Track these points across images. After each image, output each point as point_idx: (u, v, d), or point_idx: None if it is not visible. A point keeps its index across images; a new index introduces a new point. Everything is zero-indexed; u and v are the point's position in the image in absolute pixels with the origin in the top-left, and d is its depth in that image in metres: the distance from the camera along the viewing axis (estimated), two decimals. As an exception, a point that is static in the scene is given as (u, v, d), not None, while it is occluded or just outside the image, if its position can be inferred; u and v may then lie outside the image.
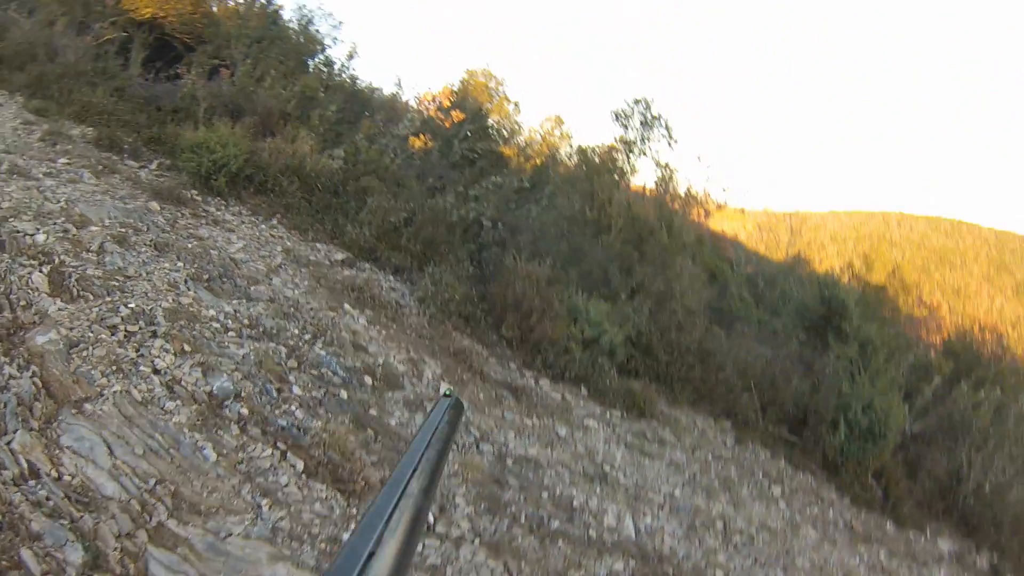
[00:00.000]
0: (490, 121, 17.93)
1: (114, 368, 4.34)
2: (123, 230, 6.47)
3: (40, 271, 5.03)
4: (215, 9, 14.71)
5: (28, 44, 10.95)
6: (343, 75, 15.29)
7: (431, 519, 4.65)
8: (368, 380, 5.87)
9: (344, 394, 5.41)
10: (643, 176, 15.94)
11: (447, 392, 1.46)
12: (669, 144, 15.58)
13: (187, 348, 4.85)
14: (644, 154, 15.39)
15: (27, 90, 10.14)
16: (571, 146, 20.24)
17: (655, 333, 10.05)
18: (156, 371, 4.50)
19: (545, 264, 9.95)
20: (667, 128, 15.50)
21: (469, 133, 14.90)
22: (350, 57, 15.47)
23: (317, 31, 15.44)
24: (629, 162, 15.06)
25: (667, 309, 10.42)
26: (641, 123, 15.41)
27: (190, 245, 6.94)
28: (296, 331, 6.00)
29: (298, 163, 10.00)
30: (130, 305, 5.07)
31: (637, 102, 15.71)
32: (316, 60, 15.31)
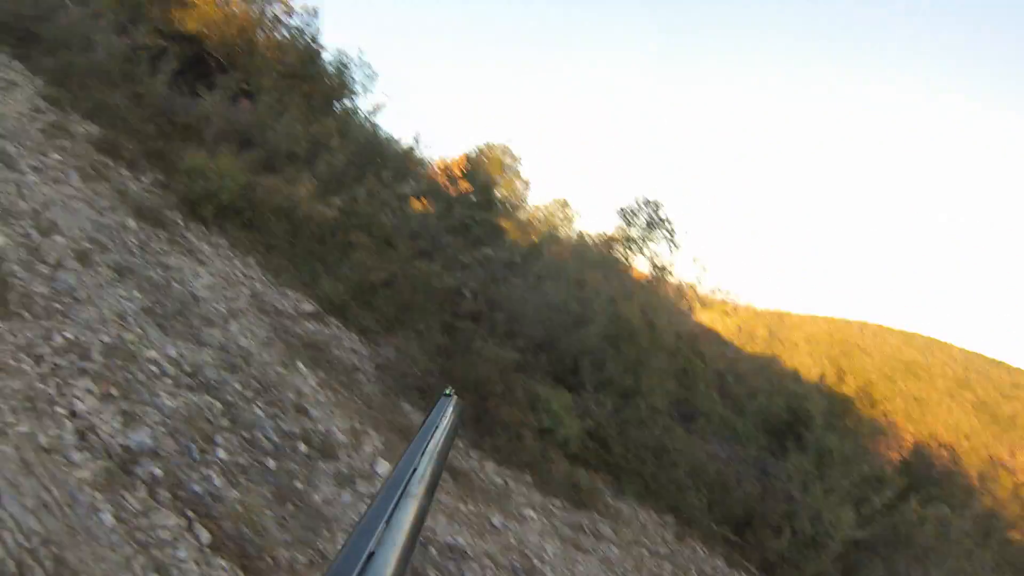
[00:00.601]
0: (496, 194, 17.88)
1: (28, 405, 3.85)
2: (89, 246, 6.04)
3: (-18, 277, 4.57)
4: (259, 38, 14.45)
5: (66, 31, 10.56)
6: (365, 124, 15.09)
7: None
8: (302, 447, 5.42)
9: (272, 463, 4.94)
10: (638, 268, 15.86)
11: (447, 392, 1.48)
12: (670, 248, 15.47)
13: (114, 392, 4.36)
14: (643, 253, 15.23)
15: (48, 76, 9.71)
16: (572, 230, 20.23)
17: (614, 427, 9.71)
18: (73, 414, 4.00)
19: (516, 345, 9.69)
20: (670, 232, 15.38)
21: (473, 199, 14.70)
22: (375, 111, 15.37)
23: (352, 78, 15.28)
24: (626, 257, 14.88)
25: (632, 405, 10.10)
26: (647, 223, 15.28)
27: (154, 274, 6.48)
28: (238, 386, 5.51)
29: (292, 205, 9.66)
30: (67, 334, 4.59)
31: (647, 203, 15.63)
32: (343, 105, 15.13)
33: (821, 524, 9.73)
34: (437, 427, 1.30)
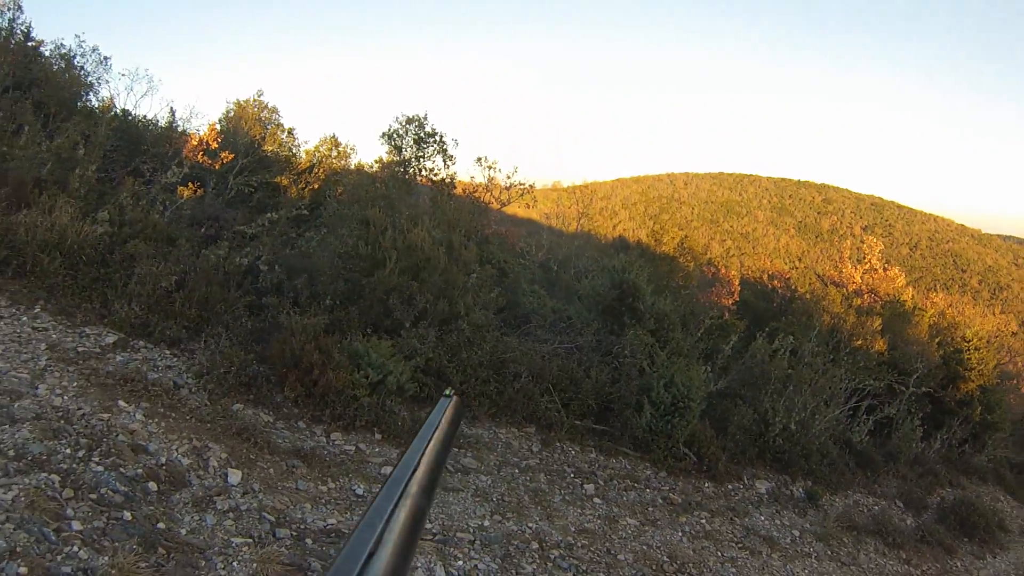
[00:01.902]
0: (266, 152, 17.31)
1: None
2: None
3: None
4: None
5: None
6: (114, 114, 14.22)
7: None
8: (153, 487, 5.40)
9: (128, 515, 4.89)
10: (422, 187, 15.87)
11: (447, 393, 1.50)
12: (444, 160, 15.47)
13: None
14: (421, 171, 15.18)
15: None
16: (349, 166, 19.93)
17: (444, 356, 9.85)
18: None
19: (325, 306, 9.72)
20: (441, 143, 15.36)
21: (244, 164, 14.24)
22: (109, 107, 14.46)
23: (82, 69, 14.31)
24: (405, 180, 14.80)
25: (455, 329, 10.27)
26: (415, 140, 15.20)
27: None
28: (68, 450, 5.39)
29: (58, 236, 9.08)
30: None
31: (410, 120, 15.49)
32: (84, 103, 14.20)
33: (676, 388, 10.08)
34: (436, 427, 1.32)
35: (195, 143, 15.39)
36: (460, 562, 6.07)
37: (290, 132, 19.53)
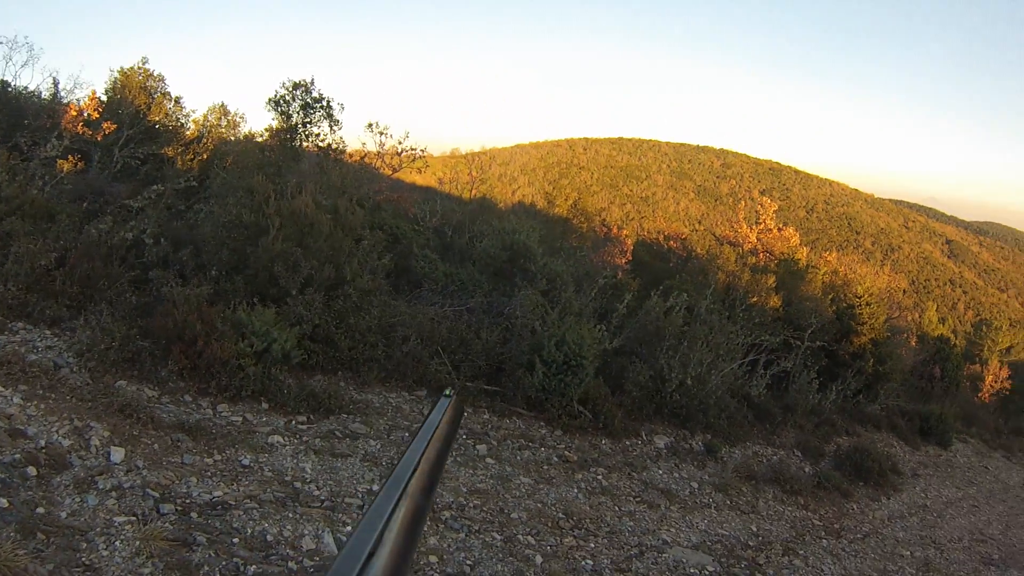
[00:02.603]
0: (153, 122, 16.81)
1: None
2: None
3: None
4: None
5: None
6: None
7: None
8: (32, 471, 5.29)
9: (4, 502, 4.79)
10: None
11: (447, 393, 1.52)
12: (331, 125, 15.33)
13: None
14: (308, 138, 15.03)
15: None
16: (238, 135, 19.58)
17: (331, 323, 9.80)
18: None
19: (210, 276, 9.59)
20: (327, 108, 15.21)
21: (130, 136, 13.80)
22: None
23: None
24: (293, 147, 14.62)
25: (342, 295, 10.17)
26: (302, 106, 15.03)
27: None
28: None
29: (-74, 219, 8.65)
30: None
31: (297, 85, 15.29)
32: None
33: (568, 347, 10.14)
34: (436, 427, 1.34)
35: (74, 114, 14.84)
36: (349, 527, 6.04)
37: (177, 101, 18.98)
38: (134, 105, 17.01)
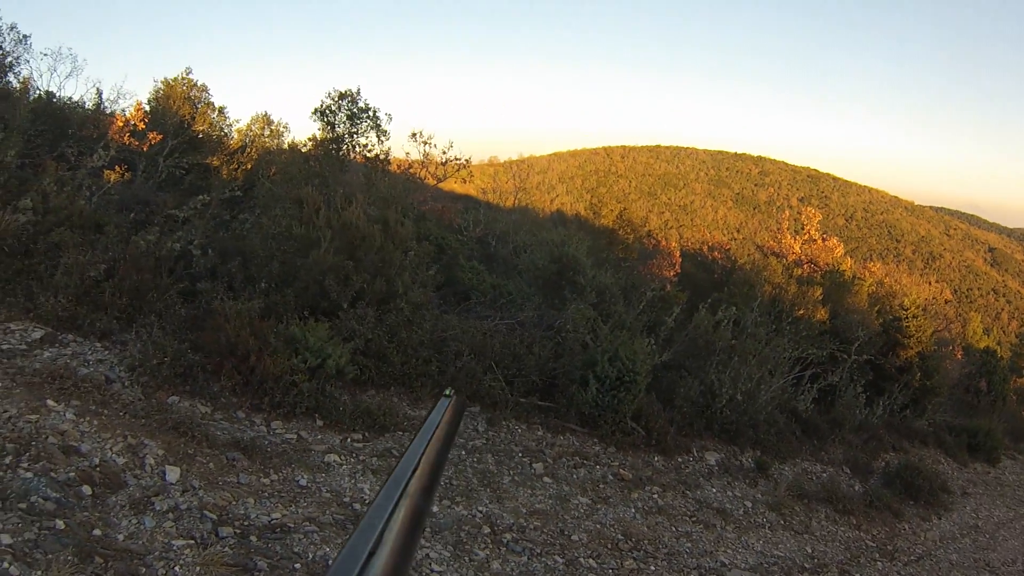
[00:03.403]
0: (197, 132, 16.95)
1: None
2: None
3: None
4: None
5: None
6: (37, 96, 13.79)
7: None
8: (87, 490, 5.11)
9: (60, 523, 4.61)
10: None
11: (447, 393, 1.55)
12: (378, 136, 15.31)
13: None
14: (355, 148, 15.02)
15: None
16: (282, 144, 19.69)
17: (384, 337, 9.62)
18: None
19: (260, 289, 9.46)
20: (374, 118, 15.18)
21: (175, 145, 13.90)
22: (26, 87, 13.99)
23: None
24: (339, 157, 14.62)
25: (393, 309, 10.01)
26: (348, 117, 15.01)
27: None
28: None
29: (-23, 229, 8.62)
30: None
31: (343, 96, 15.28)
32: (3, 84, 13.72)
33: (621, 362, 9.99)
34: (437, 427, 1.36)
35: (120, 124, 14.97)
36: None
37: (221, 111, 19.14)
38: (178, 115, 17.04)
